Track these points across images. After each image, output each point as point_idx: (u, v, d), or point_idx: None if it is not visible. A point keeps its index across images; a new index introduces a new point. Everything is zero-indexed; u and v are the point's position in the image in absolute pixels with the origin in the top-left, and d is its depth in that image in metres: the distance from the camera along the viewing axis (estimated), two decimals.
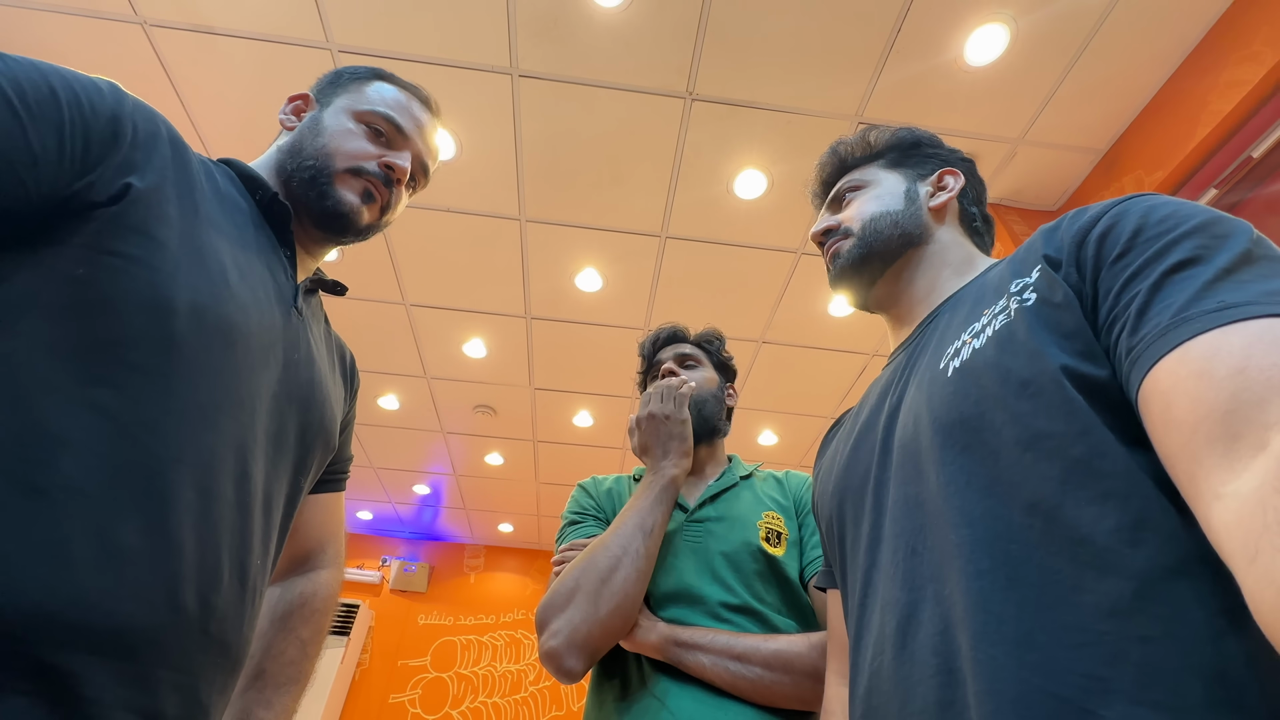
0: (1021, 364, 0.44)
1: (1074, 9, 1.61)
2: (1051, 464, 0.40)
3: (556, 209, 2.18)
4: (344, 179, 0.69)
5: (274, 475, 0.59)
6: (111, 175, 0.50)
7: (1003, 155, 1.94)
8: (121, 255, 0.48)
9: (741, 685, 0.72)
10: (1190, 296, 0.37)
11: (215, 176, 0.62)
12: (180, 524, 0.47)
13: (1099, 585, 0.36)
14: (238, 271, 0.57)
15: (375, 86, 0.76)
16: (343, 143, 0.70)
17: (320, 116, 0.72)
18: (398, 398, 3.13)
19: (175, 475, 0.48)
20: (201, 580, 0.49)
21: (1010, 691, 0.37)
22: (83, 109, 0.49)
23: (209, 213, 0.57)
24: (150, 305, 0.49)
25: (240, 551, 0.53)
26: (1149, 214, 0.43)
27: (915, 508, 0.49)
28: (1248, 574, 0.28)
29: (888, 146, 0.74)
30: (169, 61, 1.81)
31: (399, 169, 0.72)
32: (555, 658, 0.74)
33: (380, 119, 0.73)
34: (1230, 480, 0.30)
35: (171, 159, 0.55)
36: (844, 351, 2.67)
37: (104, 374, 0.46)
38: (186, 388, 0.50)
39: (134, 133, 0.53)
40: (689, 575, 0.83)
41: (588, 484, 1.02)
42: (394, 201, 0.74)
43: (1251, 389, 0.31)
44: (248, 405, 0.55)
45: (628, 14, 1.66)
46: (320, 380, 0.67)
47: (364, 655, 4.02)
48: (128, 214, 0.50)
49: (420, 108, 0.78)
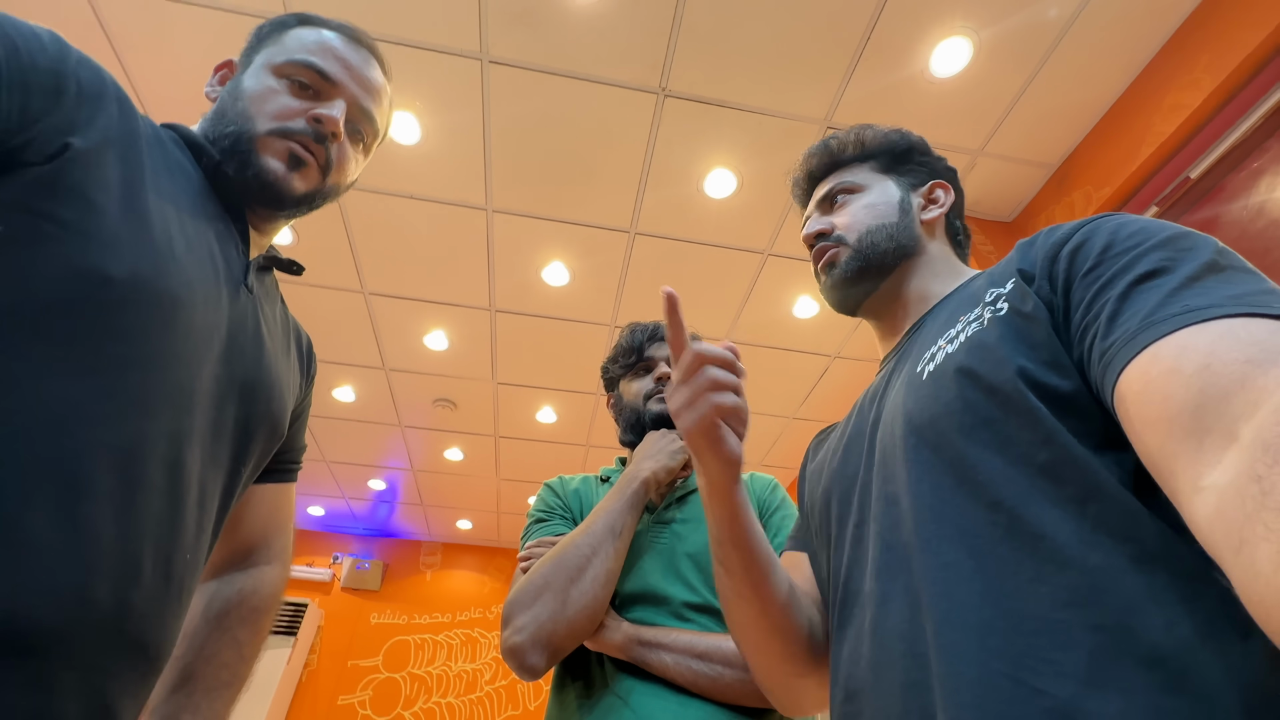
0: (990, 369, 0.46)
1: (1033, 27, 1.67)
2: (1017, 468, 0.42)
3: (524, 200, 2.15)
4: (266, 143, 0.62)
5: (211, 464, 0.55)
6: (50, 133, 0.46)
7: (963, 166, 2.00)
8: (51, 218, 0.44)
9: (703, 683, 0.72)
10: (1157, 303, 0.38)
11: (164, 141, 0.57)
12: (97, 514, 0.43)
13: (1057, 578, 0.38)
14: (184, 241, 0.53)
15: (295, 33, 0.68)
16: (263, 103, 0.63)
17: (241, 79, 0.65)
18: (354, 389, 3.03)
19: (95, 461, 0.44)
20: (119, 575, 0.45)
21: (970, 673, 0.39)
22: (20, 60, 0.45)
23: (156, 178, 0.53)
24: (79, 274, 0.44)
25: (167, 545, 0.49)
26: (1119, 230, 0.45)
27: (892, 505, 0.51)
28: (1235, 564, 0.29)
29: (880, 148, 0.74)
30: (111, 27, 1.70)
31: (327, 121, 0.63)
32: (518, 654, 0.73)
33: (302, 68, 0.65)
34: (1207, 473, 0.31)
35: (118, 118, 0.51)
36: (808, 353, 2.71)
37: (18, 347, 0.42)
38: (115, 365, 0.46)
39: (78, 88, 0.48)
40: (653, 576, 0.83)
41: (554, 483, 1.00)
42: (335, 159, 0.66)
43: (1217, 383, 0.32)
44: (185, 387, 0.51)
45: (602, 6, 1.64)
46: (268, 363, 0.63)
47: (312, 656, 3.88)
48: (63, 174, 0.45)
49: (350, 46, 0.69)
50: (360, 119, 0.69)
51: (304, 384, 0.77)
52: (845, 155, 0.75)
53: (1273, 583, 0.26)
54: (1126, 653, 0.34)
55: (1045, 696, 0.35)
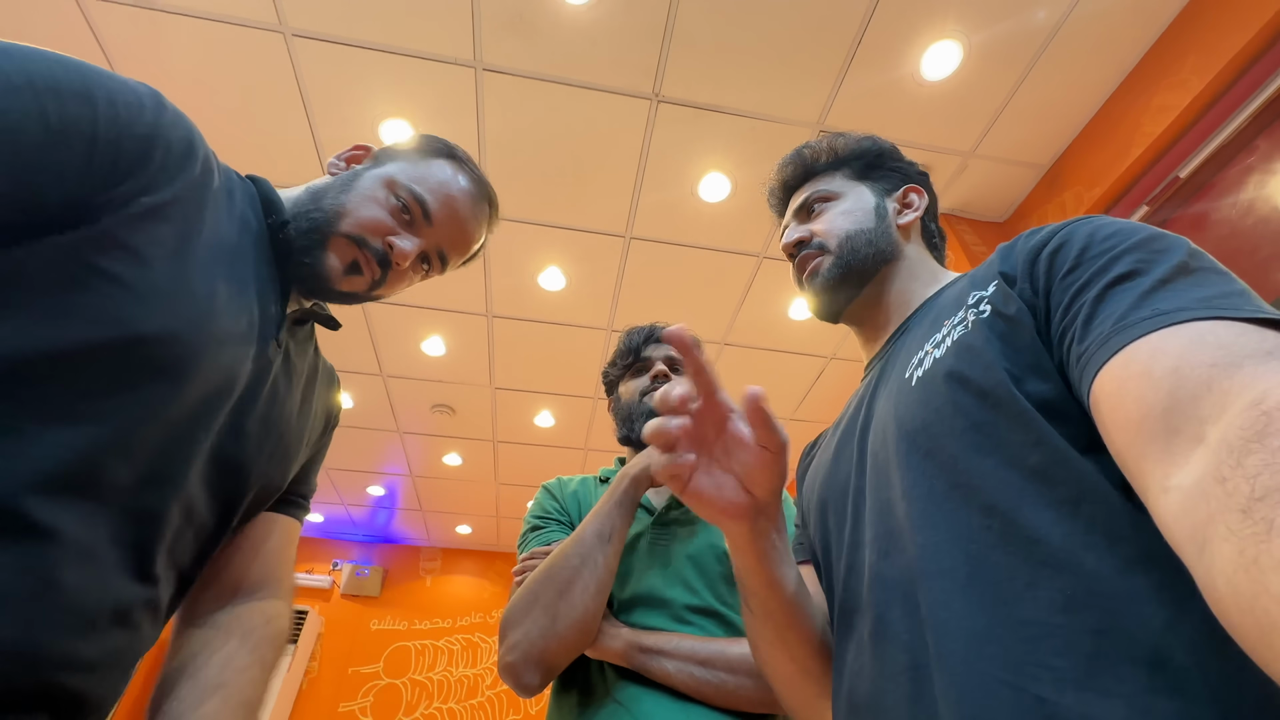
0: (979, 374, 0.46)
1: (1022, 30, 1.68)
2: (1010, 471, 0.42)
3: (520, 206, 2.15)
4: (339, 243, 0.64)
5: (199, 513, 0.55)
6: (132, 193, 0.47)
7: (954, 168, 2.01)
8: (99, 271, 0.45)
9: (706, 690, 0.72)
10: (1129, 305, 0.39)
11: (234, 194, 0.58)
12: (59, 563, 0.42)
13: (1053, 583, 0.38)
14: (226, 293, 0.53)
15: (434, 164, 0.70)
16: (360, 208, 0.65)
17: (362, 173, 0.67)
18: (352, 396, 3.03)
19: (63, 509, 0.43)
20: (71, 625, 0.44)
21: (971, 683, 0.38)
22: (118, 124, 0.46)
23: (215, 228, 0.54)
24: (109, 325, 0.45)
25: (124, 595, 0.48)
26: (1095, 233, 0.46)
27: (886, 513, 0.51)
28: (1198, 563, 0.29)
29: (853, 155, 0.76)
30: (106, 39, 1.70)
31: (398, 253, 0.65)
32: (513, 673, 0.73)
33: (411, 197, 0.66)
34: (1174, 474, 0.32)
35: (198, 176, 0.52)
36: (803, 355, 2.72)
37: (14, 391, 0.42)
38: (108, 415, 0.45)
39: (166, 151, 0.49)
40: (654, 580, 0.82)
41: (552, 485, 0.99)
42: (387, 282, 0.68)
43: (1185, 386, 0.33)
44: (182, 438, 0.51)
45: (595, 13, 1.65)
46: (277, 418, 0.63)
47: (312, 663, 3.87)
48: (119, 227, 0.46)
49: (471, 200, 0.71)
50: (434, 259, 0.71)
51: (323, 432, 0.77)
52: (819, 164, 0.76)
53: (1233, 582, 0.26)
54: (1125, 656, 0.34)
55: (1046, 704, 0.35)
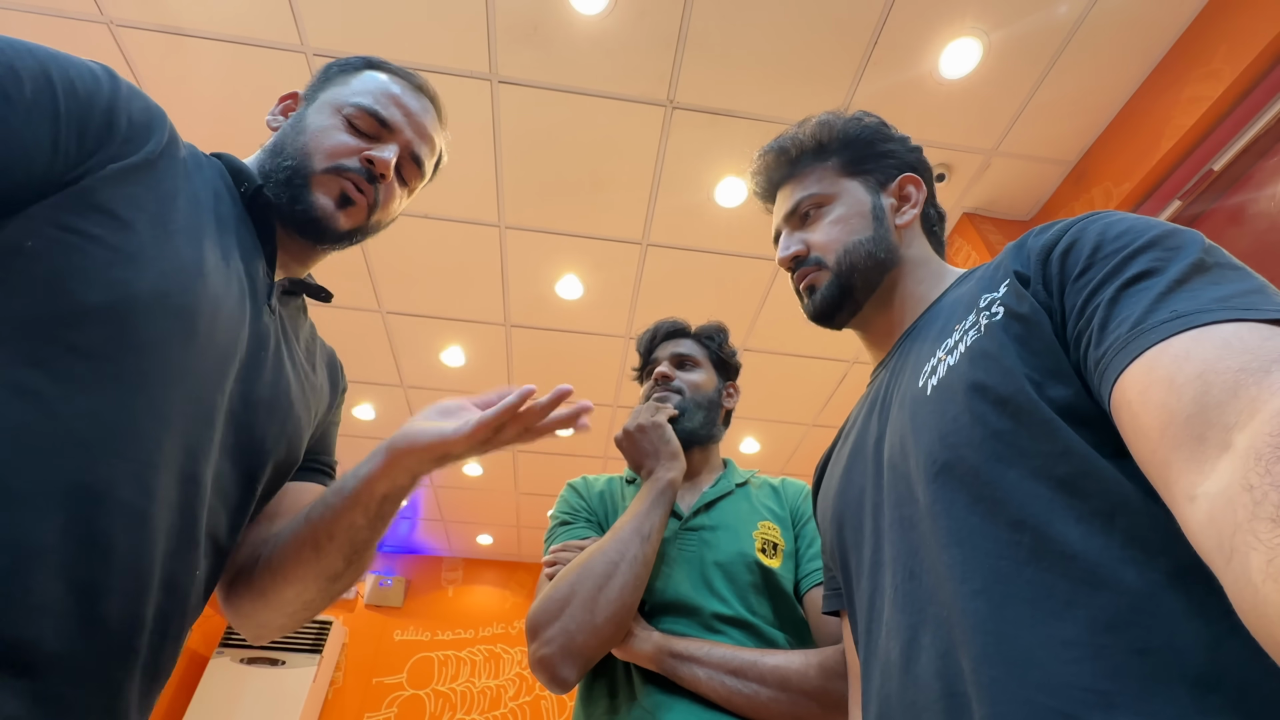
0: (998, 380, 0.45)
1: (1043, 26, 1.65)
2: (1037, 482, 0.41)
3: (537, 215, 2.17)
4: (321, 181, 0.65)
5: (227, 479, 0.56)
6: (102, 166, 0.48)
7: (977, 166, 1.98)
8: (78, 232, 0.45)
9: (737, 700, 0.70)
10: (1146, 308, 0.38)
11: (204, 166, 0.60)
12: (110, 527, 0.43)
13: (1093, 600, 0.36)
14: (213, 259, 0.54)
15: (362, 77, 0.71)
16: (322, 140, 0.66)
17: (304, 113, 0.69)
18: (373, 407, 3.06)
19: (112, 474, 0.43)
20: (130, 590, 0.45)
21: (1017, 712, 0.36)
22: (78, 100, 0.47)
23: (192, 198, 0.55)
24: (104, 287, 0.45)
25: (178, 560, 0.49)
26: (1106, 230, 0.44)
27: (909, 529, 0.49)
28: (1226, 573, 0.28)
29: (841, 144, 0.71)
30: (136, 63, 1.75)
31: (379, 163, 0.66)
32: (549, 666, 0.72)
33: (363, 112, 0.68)
34: (1201, 482, 0.31)
35: (164, 144, 0.53)
36: (825, 359, 2.69)
37: (39, 356, 0.42)
38: (135, 378, 0.46)
39: (129, 122, 0.50)
40: (684, 585, 0.81)
41: (578, 484, 0.99)
42: (382, 200, 0.69)
43: (1211, 392, 0.32)
44: (204, 402, 0.52)
45: (608, 22, 1.66)
46: (286, 385, 0.63)
47: (337, 674, 3.89)
48: (94, 191, 0.47)
49: (412, 94, 0.72)
50: (409, 163, 0.72)
51: (333, 397, 0.78)
52: (804, 159, 0.72)
53: (1262, 591, 0.25)
54: (1177, 676, 0.33)
55: None
